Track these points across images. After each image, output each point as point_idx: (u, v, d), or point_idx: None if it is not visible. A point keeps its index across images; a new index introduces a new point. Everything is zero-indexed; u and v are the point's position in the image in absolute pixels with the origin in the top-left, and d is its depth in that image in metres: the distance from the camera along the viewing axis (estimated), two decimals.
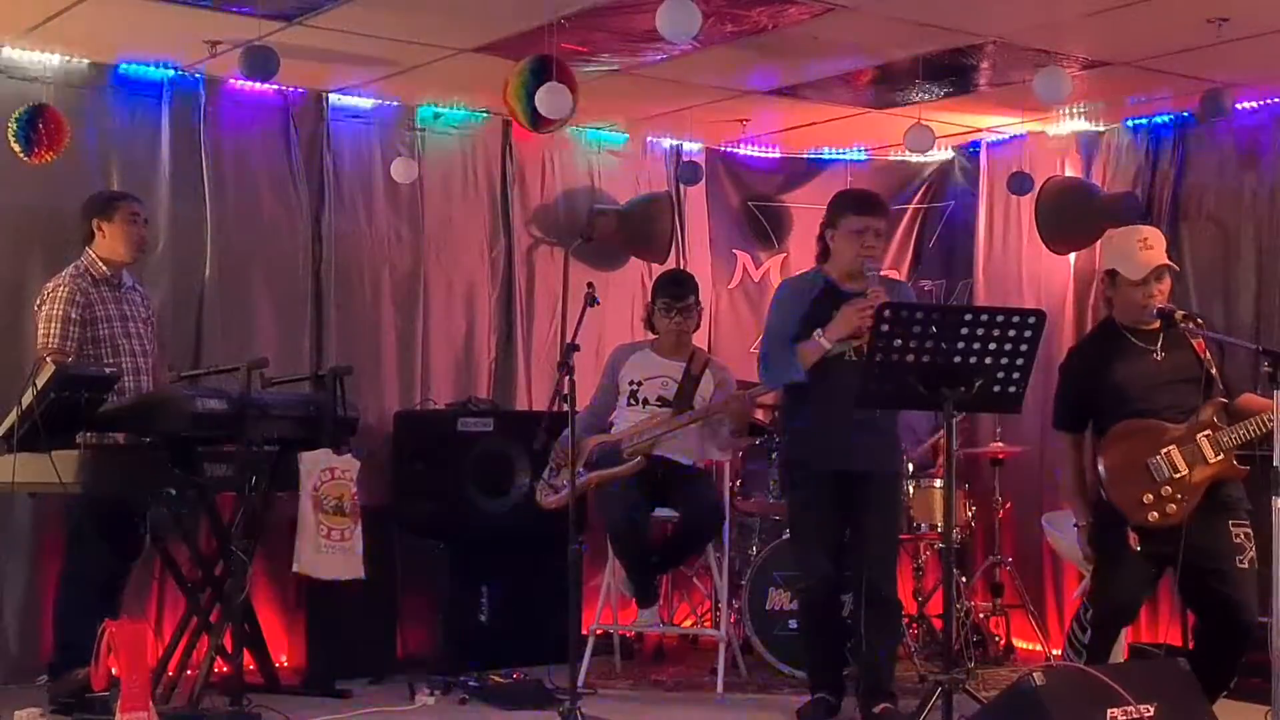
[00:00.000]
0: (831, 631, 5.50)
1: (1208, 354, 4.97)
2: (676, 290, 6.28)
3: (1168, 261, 5.03)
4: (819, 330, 5.15)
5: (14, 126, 5.78)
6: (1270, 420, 4.65)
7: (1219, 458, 4.81)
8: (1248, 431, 4.79)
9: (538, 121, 5.68)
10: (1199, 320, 5.05)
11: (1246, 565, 4.82)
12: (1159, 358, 4.94)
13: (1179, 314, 4.94)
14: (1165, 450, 4.83)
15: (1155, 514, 4.78)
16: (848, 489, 5.25)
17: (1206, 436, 4.83)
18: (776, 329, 5.37)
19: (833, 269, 5.33)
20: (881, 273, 5.35)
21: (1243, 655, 4.82)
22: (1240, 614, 4.76)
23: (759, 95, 6.92)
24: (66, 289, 5.52)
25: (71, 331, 5.48)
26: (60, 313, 5.49)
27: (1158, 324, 4.96)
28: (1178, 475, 4.80)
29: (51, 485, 4.99)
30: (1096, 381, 4.98)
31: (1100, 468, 4.91)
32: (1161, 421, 4.87)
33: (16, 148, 5.81)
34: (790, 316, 5.31)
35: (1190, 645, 5.05)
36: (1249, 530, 4.84)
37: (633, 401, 6.22)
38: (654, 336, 6.36)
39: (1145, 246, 4.98)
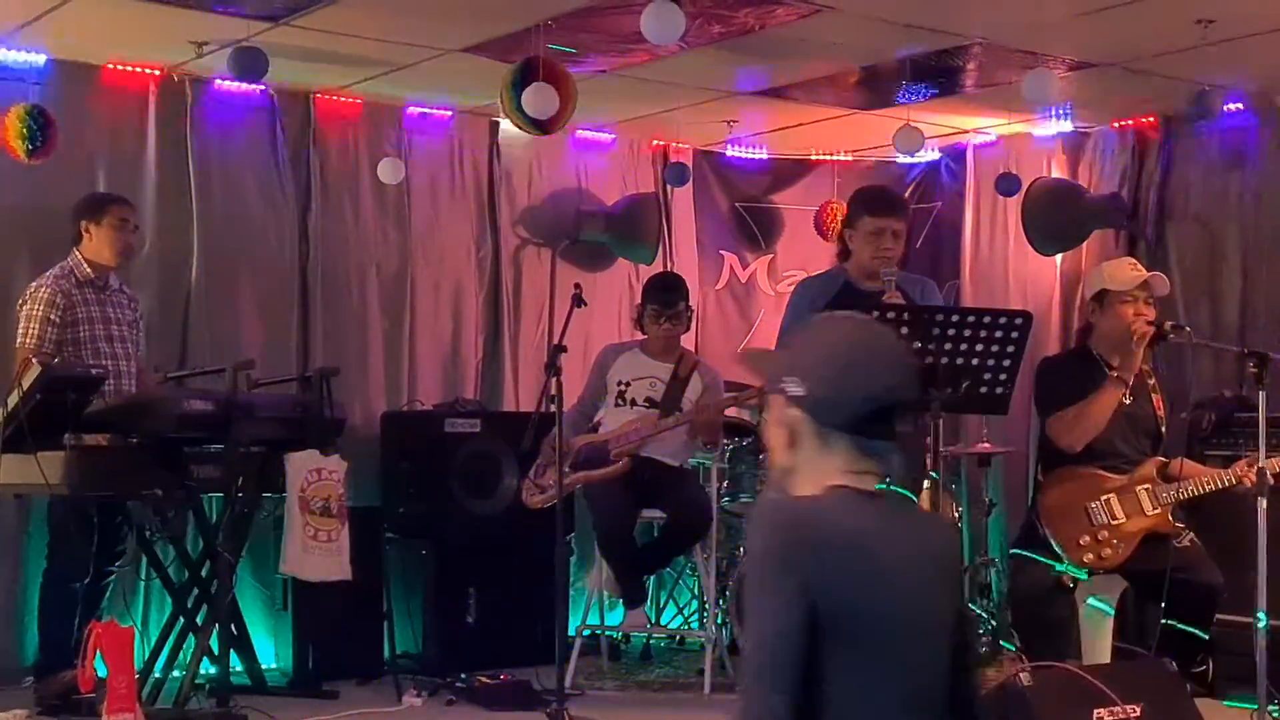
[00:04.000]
0: None
1: (1163, 410, 5.08)
2: (667, 297, 6.28)
3: (1159, 274, 5.12)
4: None
5: (24, 128, 5.75)
6: (1209, 484, 4.94)
7: (1156, 511, 4.95)
8: (1186, 491, 4.94)
9: (539, 125, 5.70)
10: (1187, 330, 5.11)
11: (1188, 544, 4.97)
12: (1127, 401, 5.04)
13: (1168, 325, 5.01)
14: (1105, 497, 4.97)
15: (1091, 555, 4.90)
16: None
17: (1145, 490, 4.96)
18: (790, 333, 5.32)
19: (853, 268, 5.28)
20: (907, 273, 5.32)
21: (1214, 611, 4.98)
22: (1207, 588, 4.91)
23: (746, 96, 6.93)
24: (48, 290, 5.51)
25: (49, 333, 5.47)
26: (40, 314, 5.47)
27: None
28: (1115, 522, 4.93)
29: (37, 486, 4.98)
30: (1073, 396, 5.03)
31: (1040, 505, 4.98)
32: (1103, 472, 4.98)
33: (24, 147, 5.78)
34: (805, 317, 5.26)
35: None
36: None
37: (620, 402, 6.22)
38: (643, 337, 6.37)
39: (1134, 267, 5.16)
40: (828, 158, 8.21)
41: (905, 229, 5.34)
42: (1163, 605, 4.94)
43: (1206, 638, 5.00)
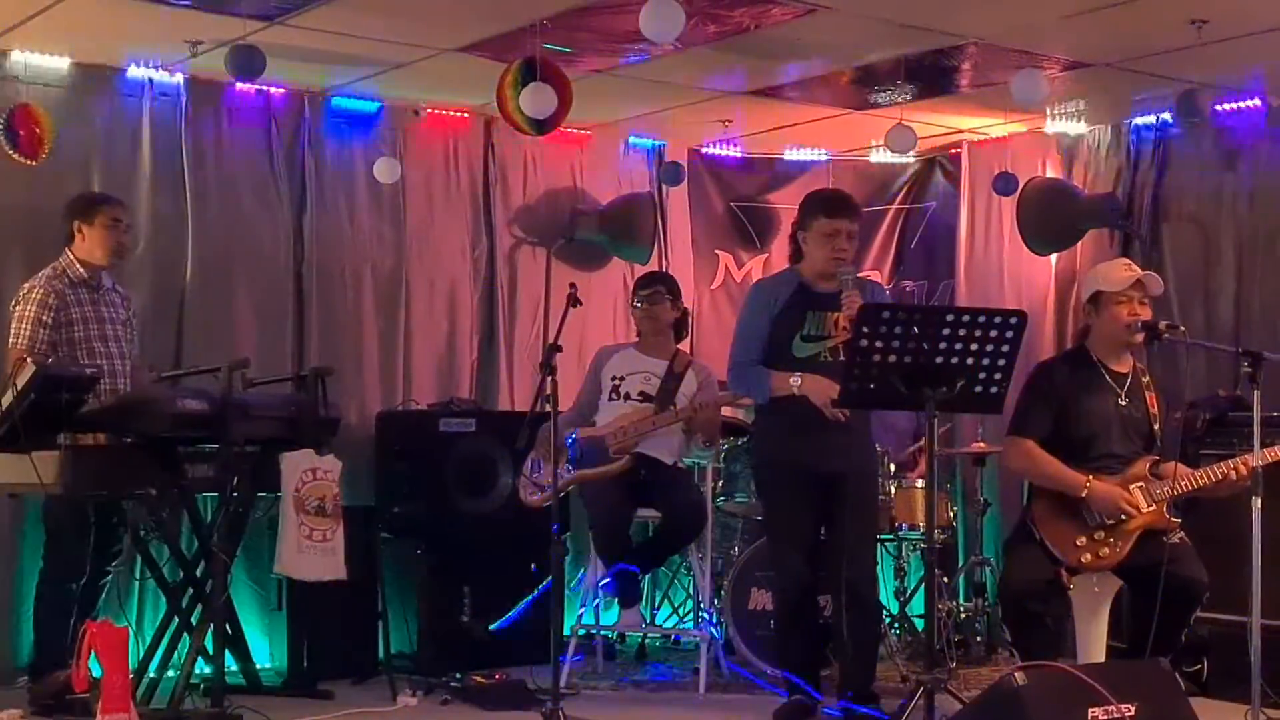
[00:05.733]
0: (809, 632, 5.50)
1: (1157, 409, 5.12)
2: (644, 281, 6.47)
3: (1153, 274, 5.14)
4: (796, 377, 5.13)
5: (56, 129, 5.77)
6: (1202, 479, 4.93)
7: (1150, 508, 4.92)
8: (1180, 487, 4.93)
9: (537, 125, 5.70)
10: (1181, 329, 5.12)
11: (1177, 540, 4.97)
12: (1123, 402, 5.07)
13: (1162, 324, 5.03)
14: None
15: (1089, 556, 4.91)
16: (823, 489, 5.25)
17: (1140, 488, 4.95)
18: (745, 335, 5.37)
19: (806, 270, 5.33)
20: (857, 274, 5.37)
21: (1195, 607, 4.97)
22: (1190, 584, 4.89)
23: (741, 96, 6.93)
24: (40, 290, 5.50)
25: (41, 334, 5.45)
26: (32, 314, 5.46)
27: (1128, 366, 5.09)
28: (1110, 522, 4.89)
29: (32, 486, 4.97)
30: (1064, 405, 5.05)
31: (1034, 509, 4.99)
32: (1096, 473, 4.98)
33: (50, 146, 5.79)
34: (760, 320, 5.31)
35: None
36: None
37: (614, 396, 6.23)
38: (637, 339, 6.40)
39: (1127, 268, 5.17)
40: (823, 157, 8.21)
41: (858, 230, 5.37)
42: (1149, 601, 4.95)
43: (1185, 634, 5.03)
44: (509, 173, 7.50)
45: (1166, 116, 6.91)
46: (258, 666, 6.02)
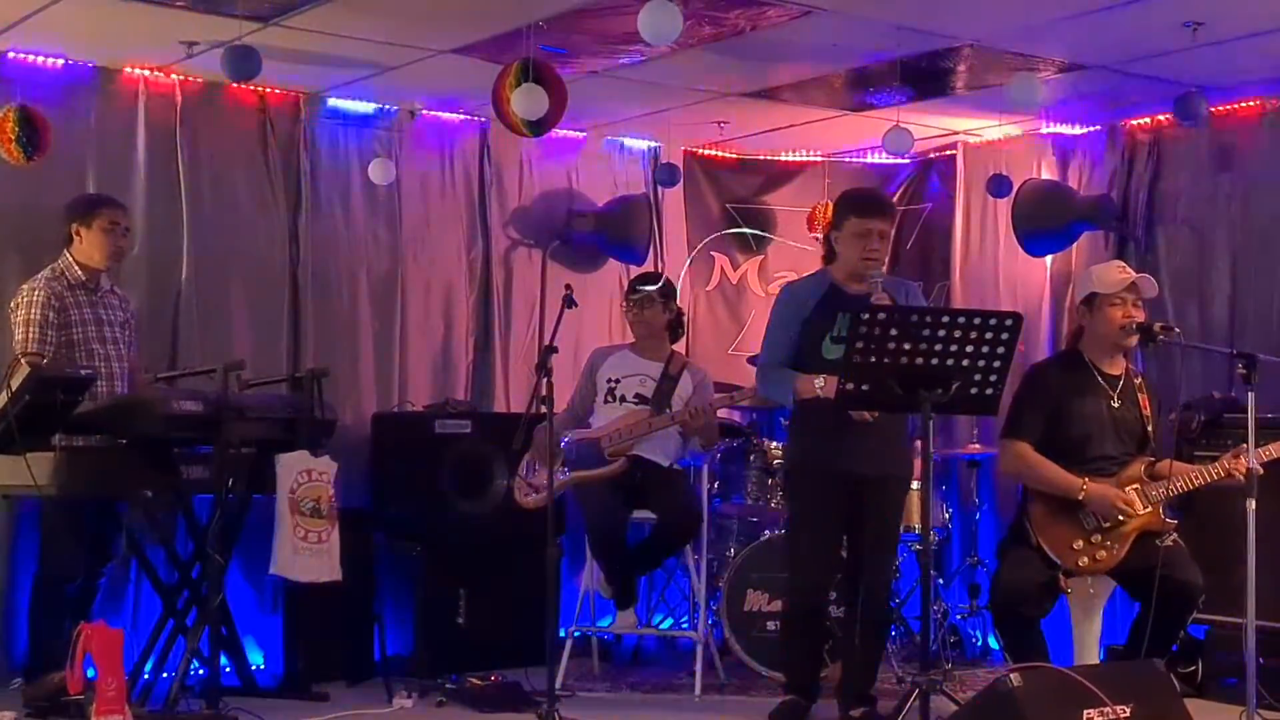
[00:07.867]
0: (813, 636, 5.48)
1: (1149, 410, 5.12)
2: (634, 283, 6.46)
3: (1147, 276, 5.15)
4: (820, 379, 5.03)
5: (17, 131, 5.74)
6: (1198, 479, 4.97)
7: (1147, 509, 4.93)
8: (1175, 488, 4.93)
9: (531, 126, 5.71)
10: (1176, 331, 5.13)
11: (1171, 543, 4.99)
12: (1116, 404, 5.08)
13: (1157, 326, 5.05)
14: None
15: (1086, 559, 4.92)
16: (852, 494, 5.17)
17: (1135, 489, 4.95)
18: (773, 338, 5.32)
19: (838, 271, 5.26)
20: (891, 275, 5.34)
21: (1191, 611, 5.04)
22: (1185, 587, 4.93)
23: (737, 97, 6.93)
24: (41, 292, 5.50)
25: (48, 335, 5.46)
26: (37, 316, 5.46)
27: (1121, 368, 5.11)
28: (1107, 524, 4.90)
29: (27, 487, 4.97)
30: (1057, 407, 5.06)
31: (1031, 513, 4.99)
32: (1091, 475, 5.00)
33: (19, 151, 5.77)
34: (791, 324, 5.24)
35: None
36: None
37: (610, 399, 6.24)
38: (633, 340, 6.40)
39: (1122, 270, 5.19)
40: (819, 159, 8.21)
41: (891, 230, 5.33)
42: (1143, 604, 4.96)
43: (1180, 636, 5.05)
44: (504, 174, 7.50)
45: (1162, 118, 6.92)
46: (253, 668, 6.03)
